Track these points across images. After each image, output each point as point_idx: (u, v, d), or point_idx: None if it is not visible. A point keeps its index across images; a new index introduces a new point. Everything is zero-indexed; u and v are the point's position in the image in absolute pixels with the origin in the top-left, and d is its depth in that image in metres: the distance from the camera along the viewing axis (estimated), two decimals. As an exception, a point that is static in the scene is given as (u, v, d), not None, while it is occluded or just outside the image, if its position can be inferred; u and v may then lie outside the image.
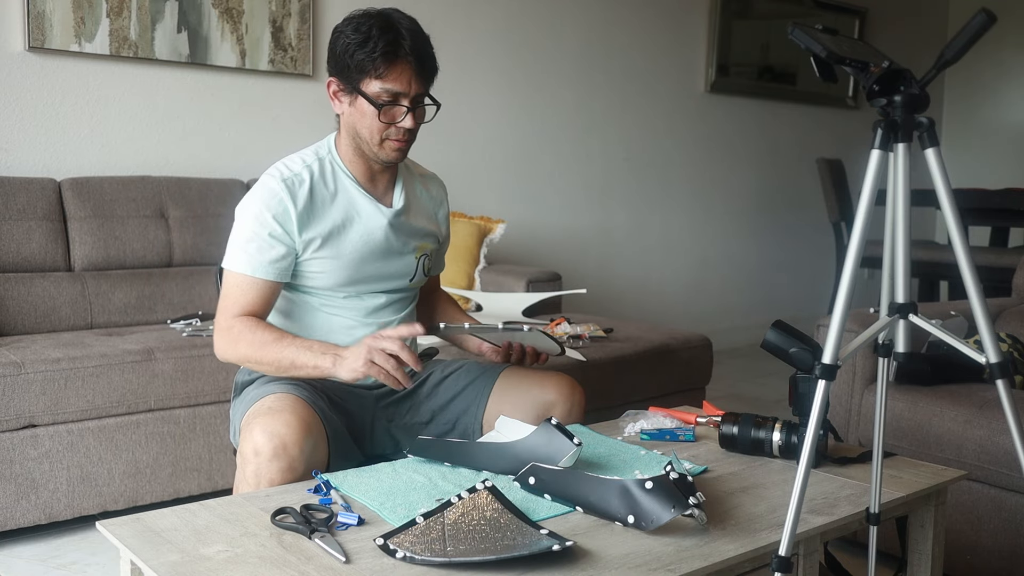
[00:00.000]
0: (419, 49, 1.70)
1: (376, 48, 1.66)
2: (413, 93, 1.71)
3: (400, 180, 1.89)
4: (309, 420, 1.60)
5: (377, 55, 1.67)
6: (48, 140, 3.09)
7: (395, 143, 1.75)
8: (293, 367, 1.65)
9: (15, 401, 2.31)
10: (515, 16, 4.29)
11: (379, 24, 1.69)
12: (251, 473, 1.54)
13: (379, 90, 1.70)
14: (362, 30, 1.68)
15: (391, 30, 1.68)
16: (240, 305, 1.72)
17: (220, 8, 3.35)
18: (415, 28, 1.72)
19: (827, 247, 5.27)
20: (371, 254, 1.82)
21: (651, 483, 1.33)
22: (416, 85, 1.71)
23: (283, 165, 1.79)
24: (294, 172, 1.77)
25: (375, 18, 1.70)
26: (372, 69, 1.68)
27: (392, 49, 1.67)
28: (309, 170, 1.78)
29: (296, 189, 1.75)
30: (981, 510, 2.12)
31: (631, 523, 1.33)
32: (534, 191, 4.46)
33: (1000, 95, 6.55)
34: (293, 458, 1.53)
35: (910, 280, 1.40)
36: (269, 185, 1.75)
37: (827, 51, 1.33)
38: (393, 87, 1.69)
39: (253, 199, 1.75)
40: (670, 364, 3.02)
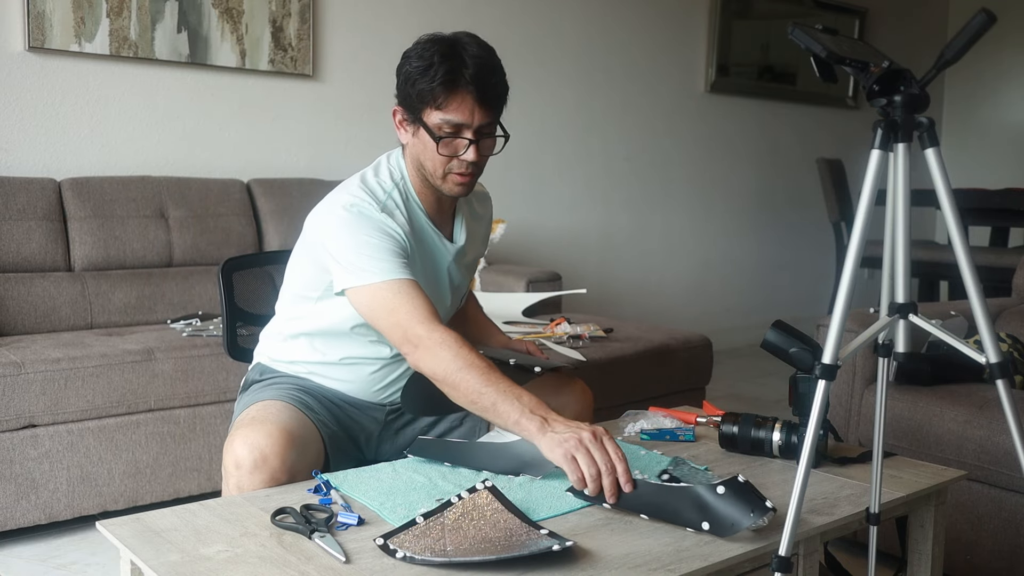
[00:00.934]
0: (483, 77, 1.61)
1: (436, 76, 1.58)
2: (476, 124, 1.63)
3: (460, 210, 1.82)
4: (294, 429, 1.57)
5: (436, 84, 1.58)
6: (48, 140, 3.09)
7: (458, 177, 1.66)
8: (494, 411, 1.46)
9: (15, 401, 2.31)
10: (515, 16, 4.29)
11: (442, 50, 1.60)
12: (233, 486, 1.52)
13: (440, 121, 1.61)
14: (425, 56, 1.60)
15: (453, 57, 1.59)
16: (423, 312, 1.54)
17: (220, 8, 3.35)
18: (482, 54, 1.63)
19: (827, 247, 5.27)
20: (433, 291, 1.74)
21: (723, 488, 1.31)
22: (479, 115, 1.62)
23: (369, 192, 1.66)
24: (383, 201, 1.66)
25: (439, 44, 1.61)
26: (432, 99, 1.59)
27: (452, 77, 1.58)
28: (393, 199, 1.68)
29: (396, 217, 1.65)
30: (981, 510, 2.12)
31: (706, 529, 1.31)
32: (534, 191, 4.46)
33: (1000, 95, 6.55)
34: (274, 470, 1.51)
35: (910, 280, 1.40)
36: (369, 215, 1.62)
37: (827, 51, 1.33)
38: (454, 118, 1.61)
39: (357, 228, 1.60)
40: (670, 364, 3.02)
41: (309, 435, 1.61)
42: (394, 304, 1.56)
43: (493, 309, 3.24)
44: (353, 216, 1.62)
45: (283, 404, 1.65)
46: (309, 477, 1.60)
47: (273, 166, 3.54)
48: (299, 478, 1.55)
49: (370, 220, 1.62)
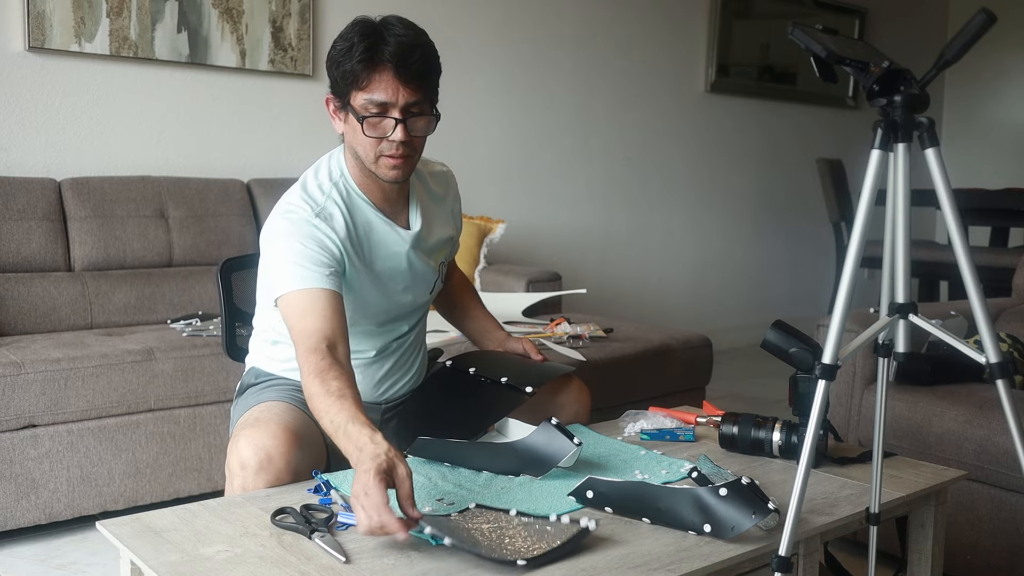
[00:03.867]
0: (403, 53, 1.56)
1: (355, 55, 1.56)
2: (402, 103, 1.58)
3: (414, 194, 1.79)
4: (298, 429, 1.57)
5: (356, 62, 1.56)
6: (48, 140, 3.09)
7: (390, 160, 1.62)
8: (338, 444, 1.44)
9: (15, 401, 2.31)
10: (515, 16, 4.29)
11: (363, 31, 1.58)
12: (238, 486, 1.52)
13: (364, 101, 1.58)
14: (347, 38, 1.58)
15: (373, 35, 1.57)
16: (314, 333, 1.53)
17: (220, 8, 3.35)
18: (405, 33, 1.58)
19: (827, 247, 5.27)
20: (396, 282, 1.75)
21: (725, 490, 1.31)
22: (404, 94, 1.57)
23: (306, 196, 1.66)
24: (321, 204, 1.65)
25: (362, 25, 1.59)
26: (355, 80, 1.57)
27: (371, 55, 1.55)
28: (331, 200, 1.67)
29: (331, 222, 1.64)
30: (981, 510, 2.12)
31: (707, 532, 1.31)
32: (534, 191, 4.46)
33: (1000, 95, 6.55)
34: (279, 470, 1.51)
35: (910, 280, 1.40)
36: (304, 220, 1.62)
37: (827, 51, 1.33)
38: (377, 97, 1.57)
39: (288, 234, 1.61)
40: (670, 364, 3.02)
41: (311, 435, 1.61)
42: (297, 318, 1.55)
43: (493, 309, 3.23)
44: (286, 224, 1.63)
45: (285, 404, 1.65)
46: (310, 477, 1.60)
47: (273, 166, 3.54)
48: (302, 478, 1.55)
49: (302, 227, 1.62)
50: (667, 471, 1.59)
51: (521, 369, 1.86)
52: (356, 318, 1.73)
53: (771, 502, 1.33)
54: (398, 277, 1.76)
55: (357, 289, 1.71)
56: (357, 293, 1.71)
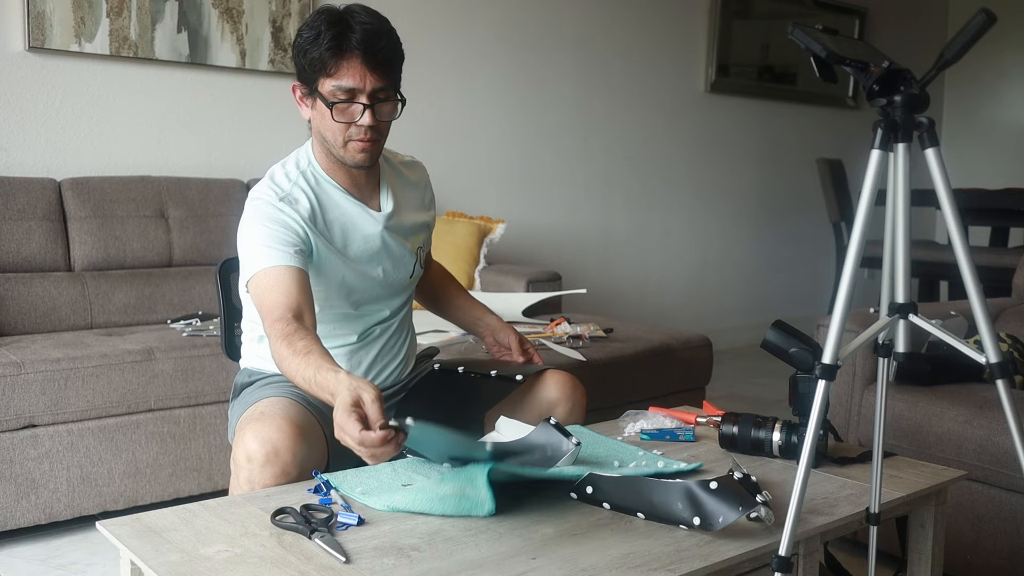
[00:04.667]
0: (370, 40, 1.61)
1: (323, 42, 1.60)
2: (369, 88, 1.63)
3: (384, 179, 1.84)
4: (303, 424, 1.58)
5: (324, 50, 1.60)
6: (48, 140, 3.09)
7: (358, 144, 1.67)
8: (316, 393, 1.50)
9: (15, 401, 2.31)
10: (515, 16, 4.29)
11: (329, 19, 1.62)
12: (244, 480, 1.53)
13: (333, 88, 1.63)
14: (314, 26, 1.62)
15: (340, 23, 1.61)
16: (279, 305, 1.58)
17: (220, 8, 3.35)
18: (371, 21, 1.63)
19: (827, 247, 5.27)
20: (373, 263, 1.78)
21: (716, 483, 1.32)
22: (371, 80, 1.62)
23: (272, 184, 1.72)
24: (286, 191, 1.71)
25: (327, 13, 1.64)
26: (323, 67, 1.62)
27: (339, 43, 1.60)
28: (298, 186, 1.72)
29: (296, 206, 1.69)
30: (981, 510, 2.12)
31: (696, 525, 1.32)
32: (534, 191, 4.46)
33: (1000, 95, 6.55)
34: (286, 463, 1.52)
35: (910, 280, 1.40)
36: (269, 204, 1.68)
37: (827, 51, 1.33)
38: (346, 83, 1.62)
39: (255, 218, 1.67)
40: (670, 364, 3.02)
41: (314, 429, 1.62)
42: (264, 295, 1.61)
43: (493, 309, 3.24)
44: (251, 210, 1.70)
45: (287, 400, 1.66)
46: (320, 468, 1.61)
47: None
48: (307, 472, 1.56)
49: (267, 211, 1.67)
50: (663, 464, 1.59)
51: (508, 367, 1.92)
52: (332, 300, 1.76)
53: (762, 495, 1.33)
54: (374, 258, 1.79)
55: (329, 271, 1.73)
56: (330, 275, 1.74)
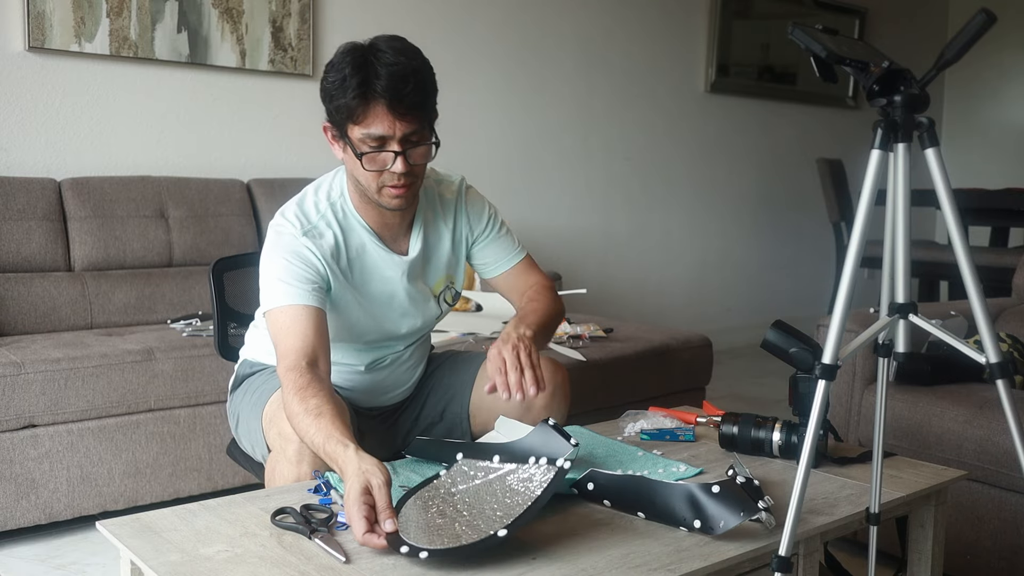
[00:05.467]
0: (395, 86, 1.51)
1: (348, 90, 1.53)
2: (399, 135, 1.55)
3: (419, 216, 1.76)
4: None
5: (350, 98, 1.53)
6: (48, 140, 3.09)
7: (393, 190, 1.60)
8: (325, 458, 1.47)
9: (15, 401, 2.31)
10: (515, 16, 4.29)
11: (354, 61, 1.53)
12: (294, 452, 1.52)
13: (362, 136, 1.56)
14: (339, 69, 1.55)
15: (365, 67, 1.52)
16: (294, 350, 1.55)
17: (220, 8, 3.35)
18: (396, 60, 1.53)
19: (827, 247, 5.27)
20: (390, 308, 1.75)
21: (718, 487, 1.32)
22: (401, 126, 1.54)
23: (300, 213, 1.67)
24: (312, 223, 1.66)
25: (352, 54, 1.55)
26: (350, 114, 1.55)
27: (363, 91, 1.52)
28: (325, 219, 1.67)
29: (318, 241, 1.65)
30: (981, 510, 2.12)
31: (697, 528, 1.32)
32: (534, 191, 4.46)
33: (1000, 95, 6.55)
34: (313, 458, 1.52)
35: (910, 280, 1.40)
36: (292, 236, 1.64)
37: (827, 51, 1.33)
38: (375, 131, 1.55)
39: (278, 249, 1.64)
40: (670, 364, 3.02)
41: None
42: (280, 336, 1.58)
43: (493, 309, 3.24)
44: (274, 238, 1.66)
45: None
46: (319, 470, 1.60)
47: (273, 166, 3.54)
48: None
49: (290, 243, 1.63)
50: (663, 470, 1.59)
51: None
52: (343, 335, 1.74)
53: (764, 500, 1.33)
54: (392, 303, 1.75)
55: (343, 309, 1.71)
56: (344, 313, 1.71)
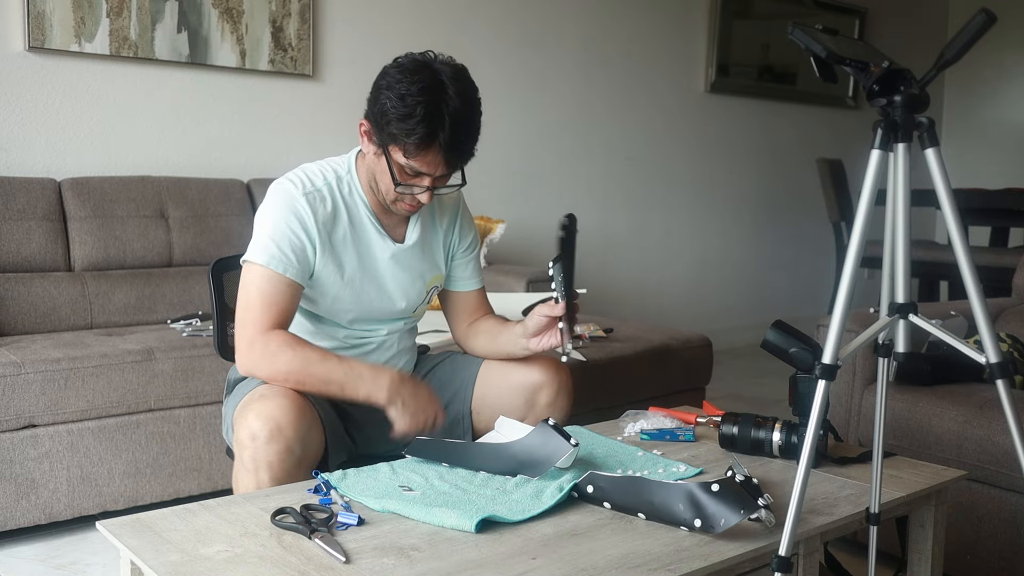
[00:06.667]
0: (457, 140, 1.60)
1: (412, 132, 1.57)
2: (438, 174, 1.65)
3: (417, 214, 1.82)
4: (302, 404, 1.60)
5: (411, 140, 1.58)
6: (48, 140, 3.09)
7: (407, 206, 1.71)
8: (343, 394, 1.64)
9: (15, 401, 2.31)
10: (515, 16, 4.29)
11: (425, 104, 1.57)
12: (248, 459, 1.54)
13: (404, 164, 1.63)
14: (407, 102, 1.57)
15: (435, 114, 1.57)
16: (269, 314, 1.63)
17: (220, 8, 3.35)
18: (461, 112, 1.59)
19: (827, 247, 5.27)
20: (373, 286, 1.78)
21: (717, 486, 1.32)
22: (443, 169, 1.65)
23: (305, 176, 1.72)
24: (316, 187, 1.71)
25: (425, 92, 1.57)
26: (402, 147, 1.61)
27: (428, 141, 1.58)
28: (329, 188, 1.72)
29: (316, 205, 1.69)
30: (981, 510, 2.12)
31: (698, 527, 1.32)
32: (534, 191, 4.46)
33: (1000, 95, 6.55)
34: (289, 439, 1.53)
35: (910, 280, 1.40)
36: (291, 195, 1.68)
37: (827, 51, 1.33)
38: (418, 167, 1.63)
39: (275, 205, 1.68)
40: (670, 364, 3.02)
41: (312, 412, 1.63)
42: (253, 297, 1.65)
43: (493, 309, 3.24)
44: (276, 193, 1.70)
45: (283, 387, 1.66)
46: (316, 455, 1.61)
47: (273, 166, 3.54)
48: (310, 454, 1.58)
49: (289, 201, 1.68)
50: (663, 470, 1.59)
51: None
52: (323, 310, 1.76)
53: (763, 498, 1.33)
54: (377, 282, 1.78)
55: (324, 281, 1.73)
56: (324, 285, 1.74)
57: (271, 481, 1.53)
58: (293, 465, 1.54)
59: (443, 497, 1.42)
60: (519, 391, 1.85)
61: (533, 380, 1.85)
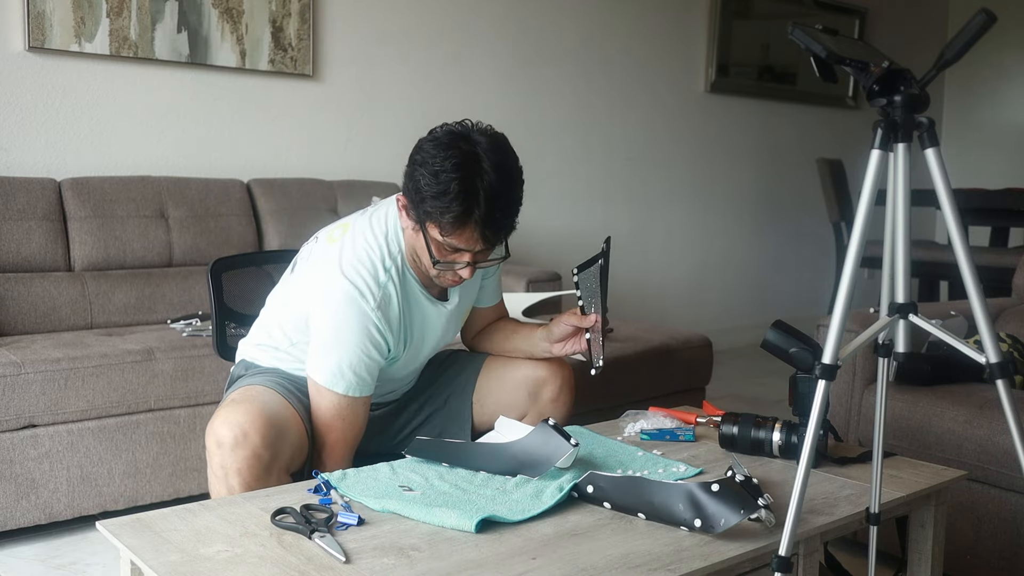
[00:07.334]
0: (493, 218, 1.55)
1: (448, 211, 1.53)
2: (478, 250, 1.62)
3: None
4: (276, 409, 1.60)
5: (446, 218, 1.54)
6: (48, 140, 3.09)
7: (451, 282, 1.69)
8: None
9: (15, 401, 2.31)
10: (515, 15, 4.29)
11: (460, 180, 1.53)
12: (217, 466, 1.55)
13: (442, 241, 1.59)
14: (441, 179, 1.53)
15: (469, 195, 1.53)
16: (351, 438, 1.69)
17: (220, 8, 3.35)
18: (497, 187, 1.55)
19: (827, 247, 5.27)
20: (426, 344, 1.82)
21: (717, 486, 1.32)
22: (481, 245, 1.61)
23: (371, 281, 1.65)
24: (384, 291, 1.66)
25: (459, 168, 1.53)
26: (439, 225, 1.57)
27: (463, 219, 1.54)
28: (392, 283, 1.68)
29: (387, 310, 1.67)
30: (981, 510, 2.12)
31: (698, 527, 1.32)
32: (534, 191, 4.42)
33: (1000, 95, 6.55)
34: (255, 445, 1.53)
35: (910, 280, 1.40)
36: (363, 312, 1.64)
37: (827, 51, 1.33)
38: (457, 244, 1.60)
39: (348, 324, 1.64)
40: (670, 364, 3.02)
41: (290, 417, 1.63)
42: (333, 422, 1.67)
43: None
44: (347, 304, 1.64)
45: (264, 388, 1.68)
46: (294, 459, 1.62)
47: (273, 166, 3.54)
48: (283, 458, 1.58)
49: (362, 321, 1.64)
50: (663, 470, 1.59)
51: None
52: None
53: (763, 498, 1.33)
54: (423, 342, 1.81)
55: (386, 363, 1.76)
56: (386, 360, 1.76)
57: (241, 487, 1.54)
58: (262, 470, 1.54)
59: (443, 497, 1.42)
60: (523, 386, 1.86)
61: (537, 375, 1.86)
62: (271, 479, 1.56)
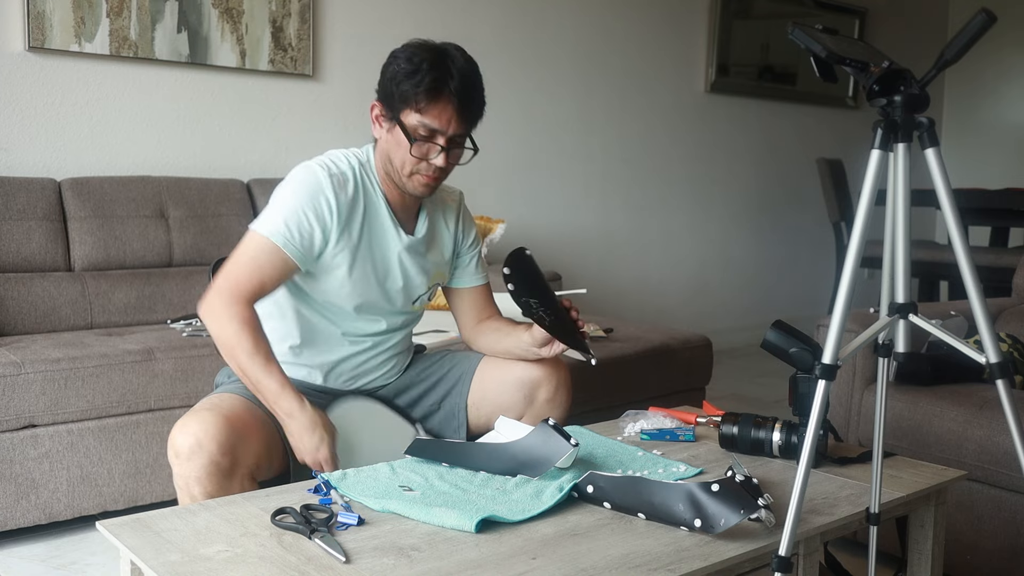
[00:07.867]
0: (465, 90, 1.69)
1: (422, 81, 1.65)
2: (451, 132, 1.70)
3: (424, 209, 1.88)
4: (237, 415, 1.61)
5: (421, 89, 1.65)
6: (48, 140, 3.09)
7: (424, 178, 1.74)
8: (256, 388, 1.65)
9: (15, 401, 2.31)
10: (515, 16, 4.29)
11: (431, 58, 1.67)
12: (177, 475, 1.56)
13: (417, 123, 1.69)
14: (414, 61, 1.67)
15: (441, 66, 1.67)
16: (251, 280, 1.66)
17: (220, 8, 3.35)
18: (468, 69, 1.71)
19: (827, 247, 5.27)
20: (380, 274, 1.80)
21: (717, 486, 1.32)
22: (455, 125, 1.70)
23: (330, 161, 1.77)
24: (341, 170, 1.75)
25: (430, 52, 1.69)
26: (414, 102, 1.67)
27: (437, 86, 1.66)
28: (353, 172, 1.77)
29: (339, 188, 1.73)
30: (981, 510, 2.12)
31: (698, 527, 1.32)
32: (534, 191, 4.46)
33: (1000, 95, 6.55)
34: (211, 452, 1.53)
35: (910, 280, 1.40)
36: (317, 178, 1.72)
37: (827, 51, 1.33)
38: (432, 123, 1.68)
39: (298, 187, 1.72)
40: (670, 364, 3.02)
41: (252, 422, 1.64)
42: (244, 259, 1.68)
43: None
44: (302, 174, 1.73)
45: (231, 395, 1.70)
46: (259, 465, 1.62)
47: (273, 166, 3.54)
48: (244, 464, 1.58)
49: (313, 186, 1.71)
50: (663, 470, 1.60)
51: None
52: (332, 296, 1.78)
53: (763, 498, 1.33)
54: (382, 270, 1.80)
55: (334, 268, 1.75)
56: (333, 273, 1.75)
57: (203, 495, 1.54)
58: (222, 477, 1.54)
59: (443, 497, 1.42)
60: (518, 386, 1.86)
61: (532, 376, 1.86)
62: (233, 486, 1.55)
